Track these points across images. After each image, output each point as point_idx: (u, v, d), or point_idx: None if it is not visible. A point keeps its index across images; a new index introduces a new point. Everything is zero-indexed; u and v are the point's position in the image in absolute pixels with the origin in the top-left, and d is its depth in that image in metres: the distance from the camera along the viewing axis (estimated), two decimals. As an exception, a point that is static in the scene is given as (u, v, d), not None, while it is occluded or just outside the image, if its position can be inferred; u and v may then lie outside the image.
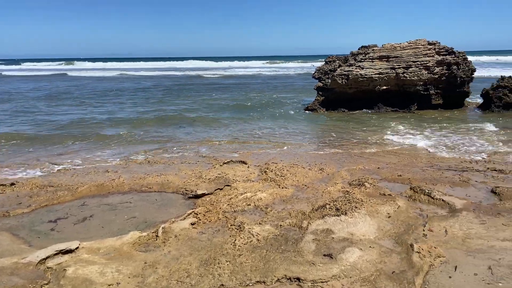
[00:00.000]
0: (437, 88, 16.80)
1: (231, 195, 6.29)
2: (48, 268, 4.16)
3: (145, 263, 4.27)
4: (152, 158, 9.28)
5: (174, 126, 14.17)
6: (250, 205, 5.90)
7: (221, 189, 6.71)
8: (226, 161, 8.63)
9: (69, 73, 55.65)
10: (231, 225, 5.15)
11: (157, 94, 26.65)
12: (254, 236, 4.75)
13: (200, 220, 5.38)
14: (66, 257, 4.34)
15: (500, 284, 3.72)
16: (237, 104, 20.78)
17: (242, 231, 4.92)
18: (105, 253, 4.51)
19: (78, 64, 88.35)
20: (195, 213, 5.54)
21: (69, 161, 9.27)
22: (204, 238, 4.89)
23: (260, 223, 5.17)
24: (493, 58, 76.59)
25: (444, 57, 16.57)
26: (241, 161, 8.70)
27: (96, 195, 6.73)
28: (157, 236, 4.90)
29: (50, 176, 7.94)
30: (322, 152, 9.96)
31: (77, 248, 4.55)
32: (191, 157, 9.38)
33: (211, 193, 6.50)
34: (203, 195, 6.41)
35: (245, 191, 6.45)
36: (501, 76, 16.69)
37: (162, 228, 5.03)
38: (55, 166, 8.79)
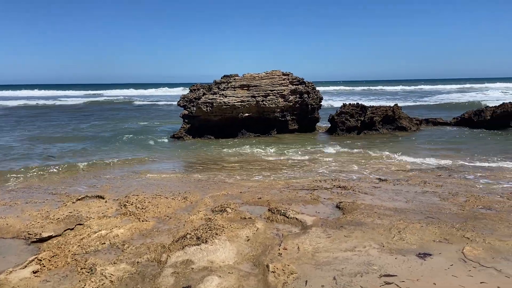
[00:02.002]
0: (293, 114, 18.40)
1: (83, 235, 5.72)
2: None
3: (-33, 328, 3.56)
4: (-12, 200, 7.96)
5: (21, 160, 12.49)
6: (104, 243, 5.44)
7: (71, 229, 6.06)
8: (80, 197, 7.88)
9: None
10: (81, 269, 4.65)
11: (9, 125, 23.39)
12: (107, 278, 4.37)
13: (44, 266, 4.74)
14: None
15: (342, 292, 4.09)
16: (97, 133, 19.47)
17: (93, 273, 4.48)
18: None
19: None
20: (38, 259, 4.87)
21: None
22: (48, 287, 4.32)
23: (115, 262, 4.79)
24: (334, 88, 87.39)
25: (296, 86, 18.30)
26: (98, 195, 8.06)
27: None
28: (-13, 292, 4.16)
29: None
30: (186, 180, 9.88)
31: None
32: (38, 196, 8.30)
33: (59, 235, 5.81)
34: (50, 237, 5.70)
35: (100, 229, 5.94)
36: (343, 103, 19.12)
37: (-5, 282, 4.29)
38: None
